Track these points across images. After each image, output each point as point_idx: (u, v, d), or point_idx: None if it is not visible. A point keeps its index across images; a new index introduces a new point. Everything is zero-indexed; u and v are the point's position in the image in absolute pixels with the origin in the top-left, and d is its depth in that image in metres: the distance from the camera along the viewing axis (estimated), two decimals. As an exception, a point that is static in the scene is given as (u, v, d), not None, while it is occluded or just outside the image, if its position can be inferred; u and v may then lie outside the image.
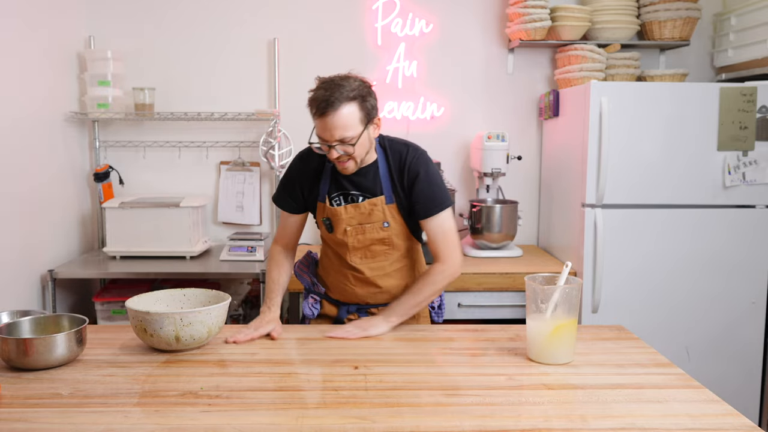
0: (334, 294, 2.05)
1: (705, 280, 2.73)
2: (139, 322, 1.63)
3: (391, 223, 1.91)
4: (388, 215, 1.90)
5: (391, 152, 1.91)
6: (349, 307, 2.02)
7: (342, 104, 1.72)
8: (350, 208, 1.89)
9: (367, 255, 1.94)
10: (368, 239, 1.92)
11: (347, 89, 1.74)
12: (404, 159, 1.89)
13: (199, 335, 1.65)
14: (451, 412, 1.33)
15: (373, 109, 1.80)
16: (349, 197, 1.91)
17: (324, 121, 1.75)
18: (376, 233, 1.91)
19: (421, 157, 1.91)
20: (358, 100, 1.75)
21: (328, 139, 1.77)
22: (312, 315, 2.05)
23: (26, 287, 2.63)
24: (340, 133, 1.74)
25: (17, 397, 1.39)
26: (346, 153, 1.78)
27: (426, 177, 1.88)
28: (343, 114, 1.73)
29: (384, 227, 1.91)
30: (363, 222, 1.90)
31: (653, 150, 2.68)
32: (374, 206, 1.89)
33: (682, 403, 1.39)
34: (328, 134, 1.76)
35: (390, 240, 1.93)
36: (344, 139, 1.75)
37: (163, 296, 1.84)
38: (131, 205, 2.87)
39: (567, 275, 1.61)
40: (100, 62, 3.00)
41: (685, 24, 3.04)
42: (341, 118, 1.73)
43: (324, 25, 3.21)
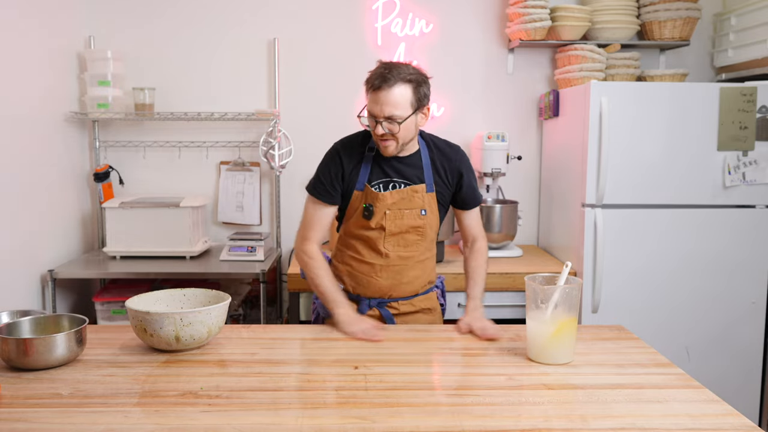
0: (356, 289, 2.05)
1: (705, 280, 2.73)
2: (139, 322, 1.63)
3: (428, 212, 1.97)
4: (427, 203, 1.96)
5: (434, 146, 2.01)
6: (370, 301, 2.03)
7: (397, 83, 1.80)
8: (393, 193, 1.94)
9: (400, 243, 1.98)
10: (405, 225, 1.96)
11: (405, 71, 1.82)
12: (450, 153, 2.01)
13: (199, 335, 1.65)
14: (451, 412, 1.33)
15: (425, 97, 1.87)
16: (390, 184, 1.95)
17: (377, 95, 1.81)
18: (413, 220, 1.96)
19: (463, 153, 2.05)
20: (413, 83, 1.82)
21: (377, 114, 1.83)
22: (327, 315, 2.03)
23: (26, 287, 2.63)
24: (390, 110, 1.81)
25: (17, 397, 1.39)
26: (390, 131, 1.84)
27: (471, 172, 2.04)
28: (396, 92, 1.80)
29: (421, 215, 1.96)
30: (402, 207, 1.95)
31: (653, 150, 2.68)
32: (415, 193, 1.95)
33: (682, 403, 1.39)
34: (378, 109, 1.82)
35: (424, 229, 1.98)
36: (392, 117, 1.81)
37: (163, 296, 1.84)
38: (131, 205, 2.87)
39: (567, 275, 1.61)
40: (100, 62, 3.00)
41: (685, 24, 3.04)
42: (393, 96, 1.80)
43: (324, 25, 3.21)
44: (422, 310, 2.07)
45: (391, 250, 1.98)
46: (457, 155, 2.01)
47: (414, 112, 1.84)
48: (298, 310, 2.71)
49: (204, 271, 2.76)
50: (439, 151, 2.00)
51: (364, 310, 2.03)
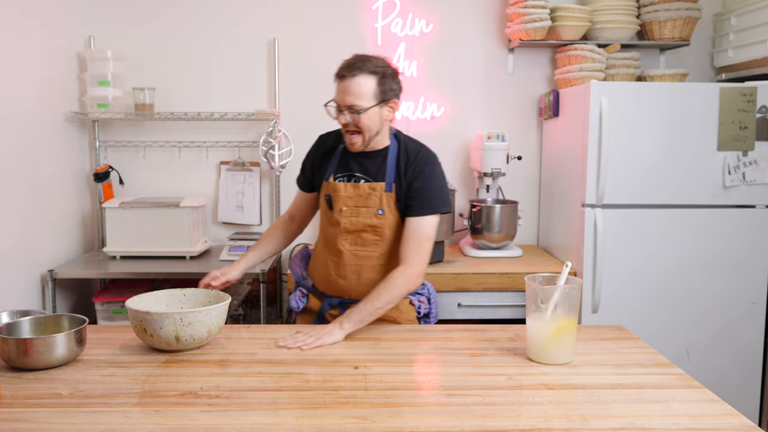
0: (320, 287, 2.06)
1: (705, 280, 2.73)
2: (139, 322, 1.63)
3: (386, 212, 1.93)
4: (384, 203, 1.92)
5: (404, 146, 1.97)
6: (332, 300, 2.02)
7: (361, 73, 1.83)
8: (349, 186, 1.94)
9: (357, 241, 1.96)
10: (361, 223, 1.94)
11: (372, 63, 1.86)
12: (414, 155, 1.94)
13: (199, 335, 1.65)
14: (451, 412, 1.33)
15: (391, 91, 1.88)
16: (352, 178, 1.96)
17: (341, 84, 1.85)
18: (369, 219, 1.93)
19: (430, 158, 1.95)
20: (377, 75, 1.84)
21: (340, 102, 1.86)
22: (297, 308, 2.08)
23: (26, 287, 2.63)
24: (351, 99, 1.83)
25: (17, 397, 1.39)
26: (353, 122, 1.85)
27: (429, 177, 1.91)
28: (359, 82, 1.83)
29: (378, 214, 1.93)
30: (359, 204, 1.93)
31: (653, 150, 2.68)
32: (373, 191, 1.92)
33: (682, 403, 1.39)
34: (341, 98, 1.85)
35: (382, 230, 1.94)
36: (353, 107, 1.83)
37: (163, 296, 1.84)
38: (131, 205, 2.87)
39: (567, 275, 1.61)
40: (100, 62, 3.00)
41: (685, 24, 3.04)
42: (356, 86, 1.82)
43: (324, 25, 3.21)
44: (384, 318, 1.91)
45: (348, 248, 1.96)
46: (421, 157, 1.92)
47: (378, 104, 1.85)
48: (298, 310, 2.71)
49: (204, 271, 2.73)
50: (407, 152, 1.94)
51: (325, 308, 2.03)
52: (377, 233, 1.94)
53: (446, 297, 2.69)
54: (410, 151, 1.94)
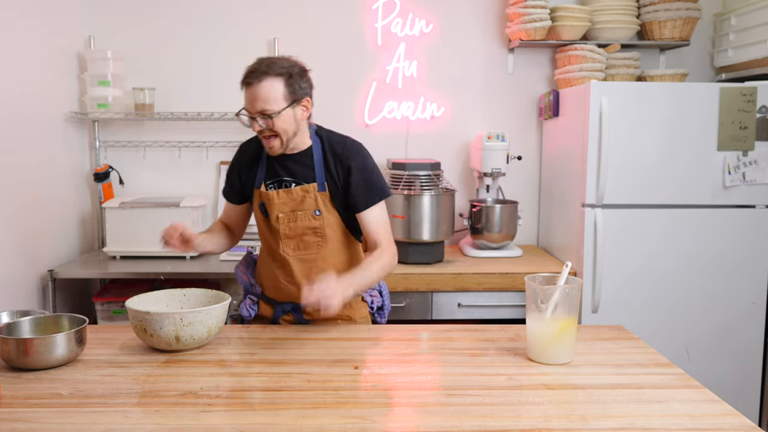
0: (269, 293, 2.02)
1: (705, 280, 2.73)
2: (139, 322, 1.63)
3: (323, 212, 1.91)
4: (320, 203, 1.90)
5: (327, 142, 1.93)
6: (284, 306, 1.98)
7: (266, 77, 1.78)
8: (282, 193, 1.90)
9: (300, 246, 1.93)
10: (300, 227, 1.91)
11: (277, 66, 1.80)
12: (340, 150, 1.91)
13: (199, 335, 1.65)
14: (451, 412, 1.33)
15: (301, 90, 1.83)
16: (283, 183, 1.92)
17: (247, 91, 1.81)
18: (307, 221, 1.90)
19: (357, 150, 1.93)
20: (284, 76, 1.79)
21: (250, 110, 1.82)
22: (249, 316, 2.03)
23: (26, 287, 2.63)
24: (261, 105, 1.79)
25: (17, 397, 1.39)
26: (267, 127, 1.81)
27: (363, 168, 1.91)
28: (265, 86, 1.78)
29: (315, 215, 1.90)
30: (295, 209, 1.90)
31: (653, 150, 2.68)
32: (306, 193, 1.90)
33: (682, 403, 1.39)
34: (250, 105, 1.81)
35: (322, 230, 1.92)
36: (264, 111, 1.79)
37: (163, 296, 1.84)
38: (131, 205, 2.87)
39: (567, 275, 1.61)
40: (100, 62, 3.00)
41: (685, 24, 3.04)
42: (263, 90, 1.78)
43: (324, 25, 3.21)
44: (338, 317, 1.95)
45: (291, 254, 1.93)
46: (348, 150, 1.91)
47: (290, 105, 1.80)
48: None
49: (204, 271, 2.76)
50: (332, 148, 1.92)
51: (278, 314, 1.99)
52: (318, 234, 1.92)
53: (446, 297, 2.70)
54: (336, 147, 1.92)
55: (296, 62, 1.86)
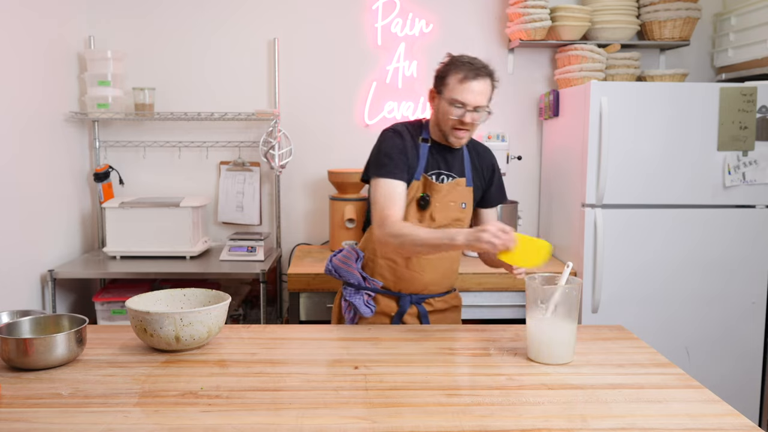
0: (397, 285, 2.01)
1: (705, 280, 2.73)
2: (139, 322, 1.63)
3: (467, 205, 2.02)
4: (466, 197, 2.02)
5: (470, 143, 2.08)
6: (411, 297, 2.02)
7: (489, 75, 1.90)
8: (445, 185, 1.98)
9: None
10: (449, 217, 1.99)
11: (489, 67, 1.92)
12: (485, 152, 2.10)
13: (199, 335, 1.65)
14: (451, 412, 1.33)
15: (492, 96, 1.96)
16: (440, 176, 2.00)
17: (472, 84, 1.87)
18: (456, 212, 2.00)
19: (493, 154, 2.13)
20: (493, 79, 1.93)
21: (470, 101, 1.87)
22: (370, 312, 1.98)
23: (26, 287, 2.63)
24: (481, 99, 1.88)
25: (17, 397, 1.39)
26: (473, 121, 1.90)
27: (499, 171, 2.13)
28: (486, 85, 1.89)
29: (462, 208, 2.01)
30: (450, 200, 1.99)
31: (653, 150, 2.68)
32: (458, 185, 2.00)
33: (682, 403, 1.39)
34: (472, 97, 1.87)
35: (463, 223, 2.02)
36: (480, 107, 1.89)
37: (163, 296, 1.83)
38: (131, 205, 2.87)
39: (567, 275, 1.61)
40: (100, 62, 3.00)
41: (685, 24, 3.04)
42: (486, 86, 1.89)
43: (324, 25, 3.21)
44: (452, 307, 2.11)
45: None
46: (490, 153, 2.12)
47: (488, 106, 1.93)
48: (298, 310, 2.71)
49: (204, 271, 2.76)
50: (475, 148, 2.08)
51: (405, 306, 2.02)
52: (460, 226, 2.01)
53: (446, 297, 2.69)
54: (478, 147, 2.09)
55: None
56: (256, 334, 1.84)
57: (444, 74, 1.92)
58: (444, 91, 1.91)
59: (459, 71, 1.89)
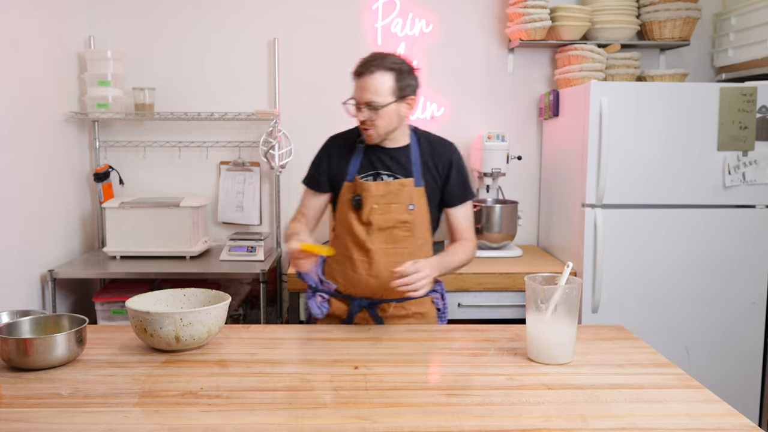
0: (347, 289, 2.02)
1: (705, 280, 2.73)
2: (139, 322, 1.63)
3: (416, 206, 1.95)
4: (415, 198, 1.95)
5: (425, 140, 2.02)
6: (361, 301, 2.00)
7: (378, 70, 1.85)
8: (381, 185, 1.94)
9: (388, 239, 1.95)
10: (392, 219, 1.94)
11: (388, 60, 1.87)
12: (440, 147, 2.01)
13: (199, 335, 1.65)
14: (451, 412, 1.33)
15: (408, 87, 1.89)
16: (379, 177, 1.96)
17: (359, 81, 1.87)
18: (400, 214, 1.94)
19: (455, 148, 2.04)
20: (395, 72, 1.86)
21: (358, 99, 1.88)
22: (321, 314, 2.02)
23: (26, 287, 2.63)
24: (369, 96, 1.85)
25: (17, 397, 1.39)
26: (371, 119, 1.87)
27: (460, 166, 2.02)
28: (377, 79, 1.85)
29: (409, 210, 1.95)
30: (390, 201, 1.94)
31: (653, 150, 2.68)
32: (403, 186, 1.94)
33: (682, 403, 1.39)
34: (359, 94, 1.88)
35: (412, 225, 1.96)
36: (371, 103, 1.85)
37: (163, 296, 1.84)
38: (131, 205, 2.87)
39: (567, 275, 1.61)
40: (100, 62, 3.00)
41: (685, 24, 3.04)
42: (374, 82, 1.85)
43: (324, 25, 3.21)
44: (414, 314, 2.02)
45: (379, 246, 1.94)
46: (447, 149, 2.01)
47: (395, 100, 1.86)
48: (298, 310, 2.71)
49: (204, 271, 2.76)
50: (430, 146, 2.00)
51: (354, 311, 2.00)
52: (408, 229, 1.95)
53: (446, 297, 2.69)
54: (434, 143, 2.01)
55: (407, 60, 1.92)
56: (256, 334, 1.84)
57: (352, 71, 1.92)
58: None
59: (354, 68, 1.89)
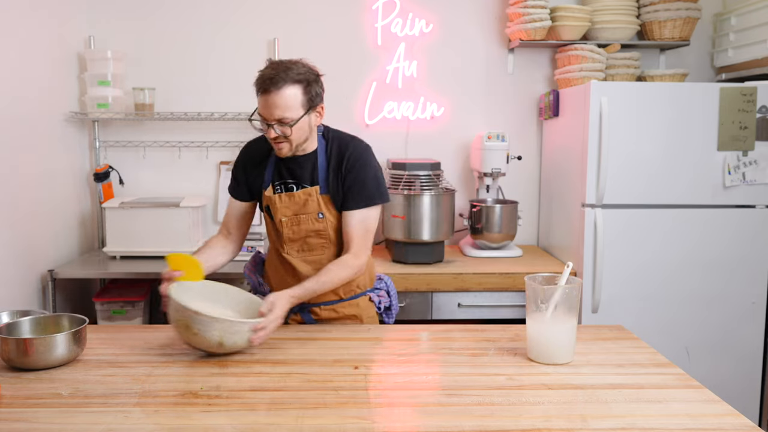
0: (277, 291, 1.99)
1: (705, 280, 2.73)
2: (182, 317, 1.58)
3: (326, 214, 1.90)
4: (323, 206, 1.89)
5: (333, 143, 1.92)
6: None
7: (285, 84, 1.75)
8: (285, 197, 1.89)
9: (304, 248, 1.93)
10: (303, 230, 1.91)
11: (294, 72, 1.77)
12: (345, 150, 1.90)
13: (241, 344, 1.62)
14: (451, 412, 1.33)
15: (317, 96, 1.83)
16: (288, 186, 1.91)
17: (266, 98, 1.76)
18: (311, 224, 1.90)
19: (363, 150, 1.91)
20: (302, 83, 1.78)
21: (267, 117, 1.78)
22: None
23: (26, 287, 2.63)
24: (280, 113, 1.76)
25: (17, 397, 1.39)
26: (283, 134, 1.79)
27: (362, 169, 1.88)
28: (286, 94, 1.75)
29: (319, 218, 1.89)
30: (298, 212, 1.90)
31: (653, 150, 2.68)
32: (309, 196, 1.88)
33: (682, 403, 1.39)
34: (268, 112, 1.77)
35: (326, 233, 1.91)
36: (283, 120, 1.77)
37: (205, 290, 1.79)
38: (131, 205, 2.87)
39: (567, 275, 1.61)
40: (100, 62, 3.00)
41: (685, 24, 3.04)
42: (283, 98, 1.75)
43: (324, 25, 3.21)
44: (346, 316, 1.99)
45: (295, 256, 1.93)
46: (352, 149, 1.89)
47: (306, 112, 1.79)
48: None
49: (204, 271, 2.76)
50: (337, 149, 1.90)
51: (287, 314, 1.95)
52: (321, 236, 1.92)
53: (446, 297, 2.70)
54: (341, 148, 1.90)
55: (311, 67, 1.84)
56: (256, 334, 1.84)
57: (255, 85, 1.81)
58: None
59: (258, 82, 1.77)
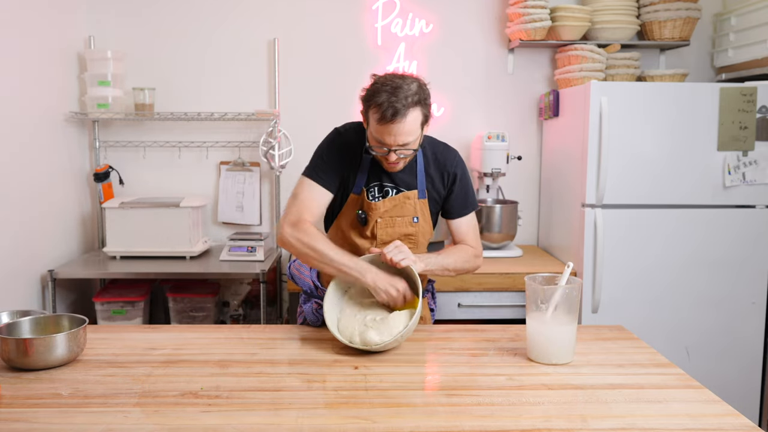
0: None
1: (705, 280, 2.73)
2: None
3: (420, 219, 1.91)
4: (419, 210, 1.90)
5: (430, 149, 1.93)
6: None
7: (408, 111, 1.69)
8: (386, 201, 1.87)
9: None
10: (397, 233, 1.90)
11: (410, 93, 1.69)
12: (445, 158, 1.93)
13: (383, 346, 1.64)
14: (451, 412, 1.33)
15: (429, 107, 1.78)
16: (384, 189, 1.90)
17: (389, 127, 1.70)
18: (405, 228, 1.90)
19: (460, 159, 1.98)
20: (420, 104, 1.72)
21: (390, 144, 1.73)
22: (316, 321, 1.91)
23: (26, 287, 2.63)
24: (404, 139, 1.72)
25: (17, 397, 1.39)
26: (401, 157, 1.78)
27: (464, 178, 1.95)
28: (409, 121, 1.70)
29: (413, 222, 1.90)
30: (394, 215, 1.89)
31: (653, 150, 2.68)
32: (407, 199, 1.89)
33: (682, 403, 1.39)
34: (391, 140, 1.72)
35: (416, 237, 1.93)
36: (406, 144, 1.74)
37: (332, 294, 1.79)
38: (131, 205, 2.87)
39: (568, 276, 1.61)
40: (100, 62, 3.00)
41: (685, 24, 3.04)
42: (407, 125, 1.70)
43: (324, 25, 3.21)
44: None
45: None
46: (452, 159, 1.94)
47: (422, 130, 1.78)
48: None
49: (204, 271, 2.76)
50: (435, 156, 1.92)
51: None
52: (412, 241, 1.91)
53: (446, 297, 2.70)
54: (439, 155, 1.92)
55: (419, 80, 1.76)
56: (256, 334, 1.84)
57: (366, 102, 1.74)
58: (368, 120, 1.76)
59: (377, 109, 1.69)
